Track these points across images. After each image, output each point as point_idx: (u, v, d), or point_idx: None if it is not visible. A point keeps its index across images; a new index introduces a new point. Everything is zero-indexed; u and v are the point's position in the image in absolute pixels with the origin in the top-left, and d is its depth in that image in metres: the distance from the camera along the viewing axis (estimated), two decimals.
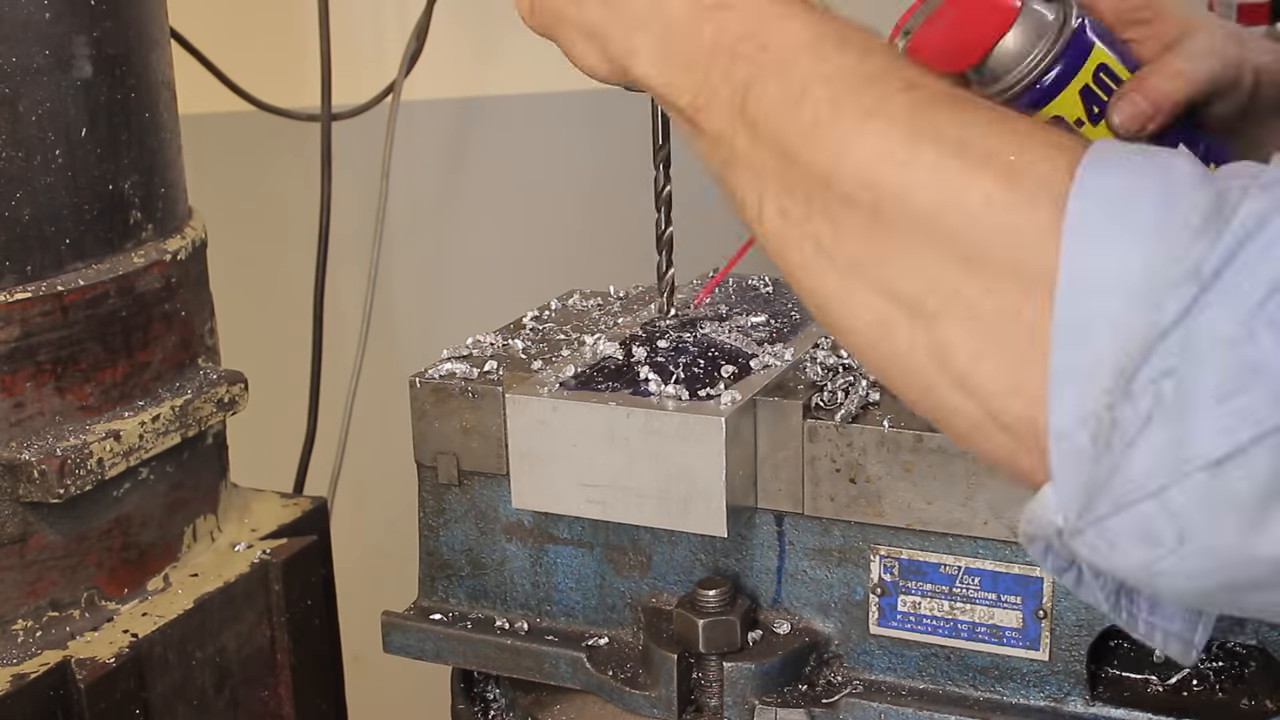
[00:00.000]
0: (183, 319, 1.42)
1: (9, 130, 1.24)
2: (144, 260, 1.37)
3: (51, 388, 1.28)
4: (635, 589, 1.21)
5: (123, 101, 1.35)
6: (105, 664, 1.27)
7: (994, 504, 1.07)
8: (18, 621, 1.28)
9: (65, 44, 1.28)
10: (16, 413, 1.26)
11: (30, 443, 1.26)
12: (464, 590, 1.27)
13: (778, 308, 1.35)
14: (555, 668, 1.19)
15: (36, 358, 1.27)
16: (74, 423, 1.30)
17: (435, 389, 1.22)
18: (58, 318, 1.28)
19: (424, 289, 2.71)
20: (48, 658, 1.26)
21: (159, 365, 1.39)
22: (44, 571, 1.29)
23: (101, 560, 1.34)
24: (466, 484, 1.24)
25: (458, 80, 2.64)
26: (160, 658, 1.33)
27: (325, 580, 1.53)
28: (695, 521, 1.09)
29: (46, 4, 1.26)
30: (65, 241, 1.30)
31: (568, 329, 1.33)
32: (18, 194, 1.26)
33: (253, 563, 1.44)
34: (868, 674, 1.14)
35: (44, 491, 1.24)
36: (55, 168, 1.28)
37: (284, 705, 1.49)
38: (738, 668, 1.12)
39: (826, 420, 1.10)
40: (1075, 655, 1.08)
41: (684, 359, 1.20)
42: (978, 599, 1.10)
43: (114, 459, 1.30)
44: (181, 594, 1.39)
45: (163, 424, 1.36)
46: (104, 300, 1.32)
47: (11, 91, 1.24)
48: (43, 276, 1.28)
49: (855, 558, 1.13)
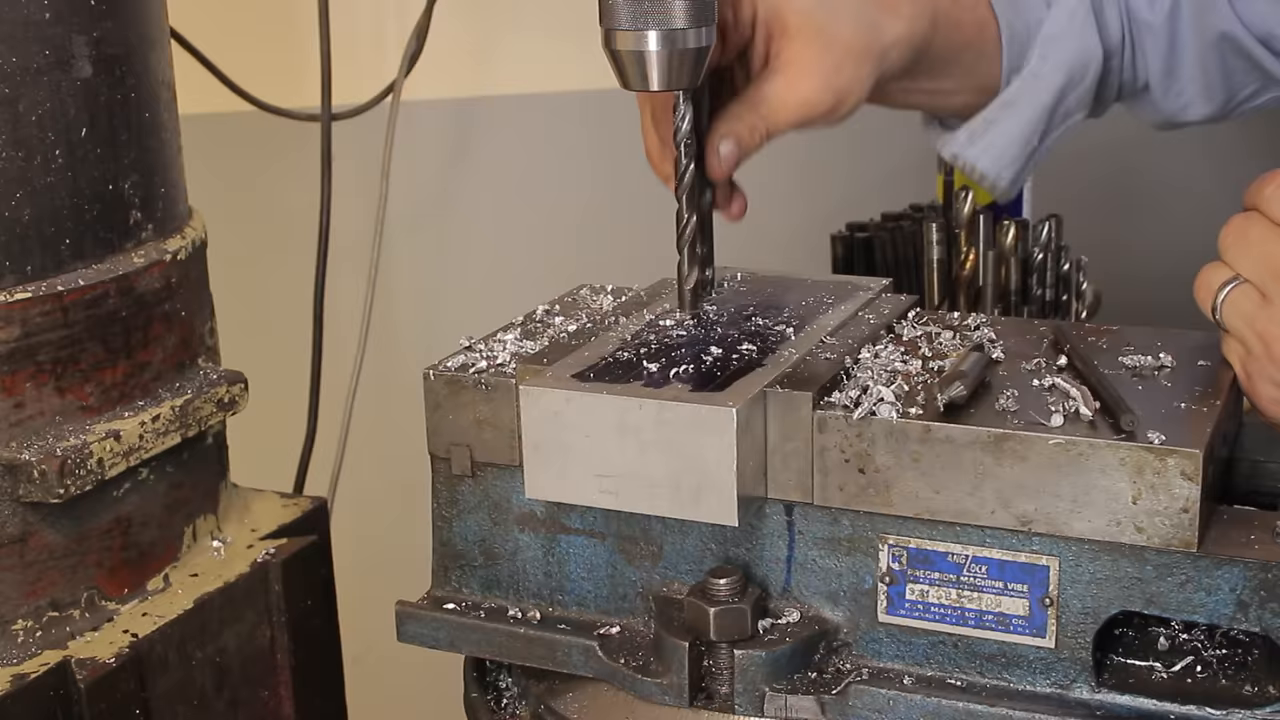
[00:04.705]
0: (183, 319, 1.42)
1: (9, 130, 1.25)
2: (144, 260, 1.37)
3: (51, 388, 1.28)
4: (647, 578, 1.22)
5: (123, 101, 1.35)
6: (105, 664, 1.27)
7: (1001, 493, 1.08)
8: (18, 621, 1.28)
9: (65, 44, 1.28)
10: (16, 413, 1.26)
11: (30, 443, 1.26)
12: (477, 580, 1.27)
13: (786, 302, 1.36)
14: (568, 656, 1.20)
15: (36, 358, 1.27)
16: (74, 423, 1.30)
17: (449, 381, 1.23)
18: (58, 318, 1.28)
19: (424, 289, 2.72)
20: (48, 658, 1.26)
21: (159, 365, 1.39)
22: (44, 571, 1.29)
23: (101, 560, 1.34)
24: (480, 475, 1.25)
25: (458, 80, 2.64)
26: (160, 658, 1.33)
27: (325, 580, 1.53)
28: (706, 511, 1.10)
29: (46, 4, 1.26)
30: (65, 241, 1.30)
31: (581, 322, 1.34)
32: (18, 194, 1.26)
33: (253, 563, 1.45)
34: (876, 661, 1.15)
35: (44, 491, 1.24)
36: (55, 168, 1.28)
37: (284, 705, 1.49)
38: (748, 655, 1.12)
39: (836, 411, 1.11)
40: (1081, 643, 1.09)
41: (696, 352, 1.21)
42: (985, 587, 1.11)
43: (114, 459, 1.30)
44: (181, 594, 1.39)
45: (163, 424, 1.36)
46: (104, 300, 1.32)
47: (11, 91, 1.24)
48: (43, 276, 1.28)
49: (864, 547, 1.14)
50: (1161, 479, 1.03)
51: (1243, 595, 1.04)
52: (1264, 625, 1.05)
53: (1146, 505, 1.04)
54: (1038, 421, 1.08)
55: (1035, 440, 1.06)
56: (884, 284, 1.40)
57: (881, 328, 1.29)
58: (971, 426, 1.08)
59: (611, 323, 1.32)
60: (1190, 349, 1.23)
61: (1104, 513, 1.05)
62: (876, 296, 1.37)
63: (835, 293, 1.38)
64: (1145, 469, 1.03)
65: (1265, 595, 1.04)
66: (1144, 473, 1.03)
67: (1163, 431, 1.05)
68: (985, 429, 1.07)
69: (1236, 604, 1.04)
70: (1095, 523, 1.05)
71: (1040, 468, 1.06)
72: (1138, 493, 1.04)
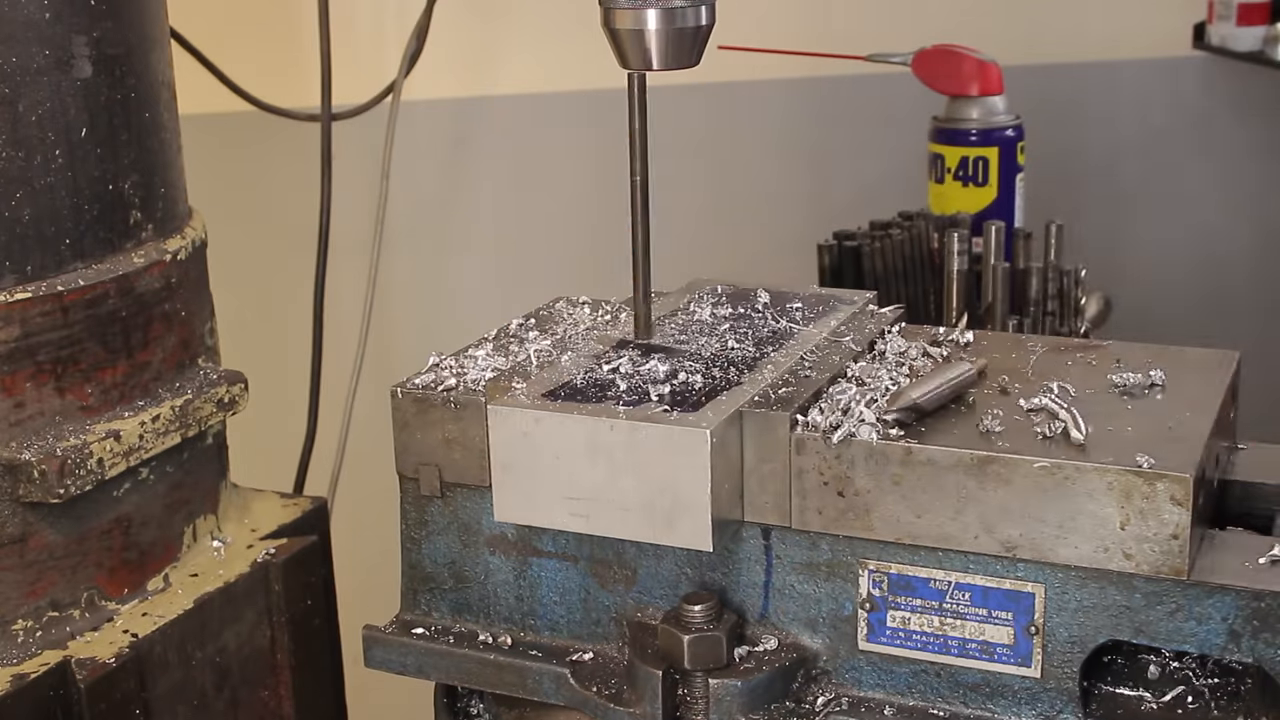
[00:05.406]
0: (183, 319, 1.42)
1: (9, 130, 1.24)
2: (144, 260, 1.37)
3: (51, 388, 1.28)
4: (620, 603, 1.20)
5: (123, 101, 1.35)
6: (105, 664, 1.27)
7: (985, 518, 1.05)
8: (18, 621, 1.28)
9: (65, 44, 1.28)
10: (16, 413, 1.26)
11: (30, 443, 1.26)
12: (447, 604, 1.25)
13: (767, 317, 1.34)
14: (539, 684, 1.18)
15: (36, 358, 1.27)
16: (74, 423, 1.30)
17: (417, 399, 1.20)
18: (58, 318, 1.28)
19: (424, 289, 2.71)
20: (48, 658, 1.26)
21: (159, 365, 1.39)
22: (44, 571, 1.29)
23: (101, 560, 1.34)
24: (449, 496, 1.22)
25: (458, 80, 2.64)
26: (160, 658, 1.33)
27: (325, 580, 1.53)
28: (680, 535, 1.08)
29: (46, 4, 1.26)
30: (65, 241, 1.30)
31: (554, 338, 1.32)
32: (18, 194, 1.26)
33: (253, 563, 1.44)
34: (856, 690, 1.13)
35: (44, 491, 1.24)
36: (55, 168, 1.28)
37: (284, 705, 1.49)
38: (724, 684, 1.10)
39: (814, 432, 1.09)
40: (1068, 672, 1.07)
41: (671, 370, 1.19)
42: (968, 614, 1.09)
43: (114, 459, 1.30)
44: (181, 594, 1.39)
45: (163, 424, 1.36)
46: (104, 300, 1.32)
47: (11, 91, 1.24)
48: (43, 276, 1.28)
49: (844, 572, 1.12)
50: (1150, 504, 1.01)
51: (1235, 625, 1.02)
52: (1257, 656, 1.02)
53: (1135, 531, 1.02)
54: (1022, 444, 1.06)
55: (1020, 463, 1.04)
56: (868, 297, 1.36)
57: (865, 344, 1.25)
58: (954, 449, 1.06)
59: (586, 339, 1.30)
60: (1183, 367, 1.20)
61: (1091, 538, 1.03)
62: (861, 310, 1.34)
63: (818, 306, 1.35)
64: (1133, 493, 1.01)
65: (1258, 625, 1.01)
66: (1132, 497, 1.01)
67: (1152, 454, 1.02)
68: (968, 451, 1.05)
69: (1228, 634, 1.02)
70: (1082, 549, 1.03)
71: (1025, 491, 1.04)
72: (1126, 518, 1.02)
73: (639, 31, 1.20)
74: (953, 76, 2.20)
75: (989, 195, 2.19)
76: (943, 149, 2.21)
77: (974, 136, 2.19)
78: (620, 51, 1.22)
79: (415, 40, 2.27)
